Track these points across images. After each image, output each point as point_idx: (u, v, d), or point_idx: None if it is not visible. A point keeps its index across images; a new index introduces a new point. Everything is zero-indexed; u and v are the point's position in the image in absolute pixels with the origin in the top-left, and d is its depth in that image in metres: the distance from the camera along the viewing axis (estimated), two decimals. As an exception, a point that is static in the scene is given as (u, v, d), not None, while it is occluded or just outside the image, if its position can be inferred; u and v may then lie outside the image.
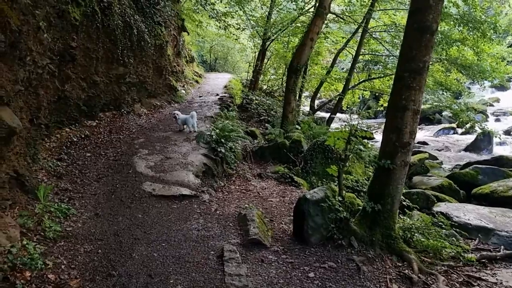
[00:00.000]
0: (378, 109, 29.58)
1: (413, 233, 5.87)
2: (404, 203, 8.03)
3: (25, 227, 5.13)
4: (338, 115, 27.88)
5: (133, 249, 5.27)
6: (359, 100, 25.81)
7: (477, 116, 25.31)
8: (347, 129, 6.25)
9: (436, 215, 7.91)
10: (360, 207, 6.08)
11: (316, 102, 23.19)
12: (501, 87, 30.27)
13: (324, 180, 10.20)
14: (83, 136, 9.59)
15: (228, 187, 8.96)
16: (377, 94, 26.62)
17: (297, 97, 13.35)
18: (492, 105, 28.73)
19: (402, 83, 5.56)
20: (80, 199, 6.66)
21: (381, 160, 5.69)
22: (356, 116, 30.64)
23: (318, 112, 23.72)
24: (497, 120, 25.44)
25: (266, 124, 13.35)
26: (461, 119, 18.44)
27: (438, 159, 17.94)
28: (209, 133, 10.48)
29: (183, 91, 18.28)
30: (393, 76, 19.08)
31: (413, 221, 6.30)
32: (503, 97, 29.80)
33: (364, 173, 11.10)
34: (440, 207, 8.66)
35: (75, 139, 9.17)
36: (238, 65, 33.29)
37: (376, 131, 25.20)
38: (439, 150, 20.97)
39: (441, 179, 11.61)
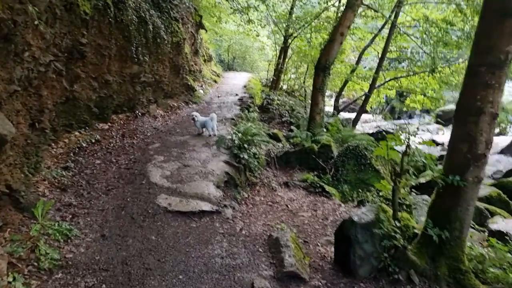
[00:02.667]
0: (404, 109, 28.37)
1: (486, 266, 4.78)
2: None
3: (15, 257, 4.24)
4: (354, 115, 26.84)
5: (144, 283, 4.34)
6: (383, 100, 24.56)
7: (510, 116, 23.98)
8: (400, 135, 5.16)
9: (495, 233, 6.80)
10: (416, 231, 5.03)
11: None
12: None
13: (360, 190, 9.20)
14: (93, 141, 8.75)
15: (252, 198, 8.00)
16: (405, 93, 25.36)
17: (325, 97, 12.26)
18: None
19: (476, 79, 4.43)
20: (86, 216, 5.77)
21: (447, 175, 4.59)
22: (379, 117, 29.58)
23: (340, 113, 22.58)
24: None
25: (292, 127, 12.35)
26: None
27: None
28: (230, 137, 9.55)
29: (201, 91, 17.41)
30: (421, 75, 18.16)
31: (479, 249, 5.19)
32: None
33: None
34: (497, 224, 7.52)
35: (84, 145, 8.33)
36: (256, 64, 32.33)
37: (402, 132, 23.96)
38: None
39: (488, 188, 10.43)
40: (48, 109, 7.13)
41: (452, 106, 25.20)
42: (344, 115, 24.57)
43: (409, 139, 5.01)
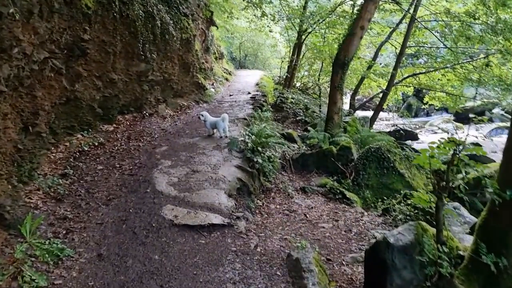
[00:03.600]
0: (422, 107, 27.42)
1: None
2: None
3: (-7, 286, 3.65)
4: (370, 113, 25.95)
5: (144, 317, 3.71)
6: (400, 98, 23.67)
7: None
8: (444, 141, 4.41)
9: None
10: (461, 252, 4.30)
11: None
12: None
13: (383, 197, 8.47)
14: (96, 144, 8.17)
15: (267, 206, 7.33)
16: (424, 90, 24.44)
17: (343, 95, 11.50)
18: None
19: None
20: (82, 231, 5.16)
21: (503, 189, 3.84)
22: (395, 115, 28.62)
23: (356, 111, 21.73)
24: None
25: (308, 127, 11.64)
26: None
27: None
28: (242, 138, 8.89)
29: (212, 90, 16.77)
30: (441, 71, 17.27)
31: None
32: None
33: (426, 186, 9.25)
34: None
35: (86, 148, 7.74)
36: (268, 61, 31.69)
37: (420, 131, 23.12)
38: (494, 153, 18.67)
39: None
40: (45, 111, 6.54)
41: (471, 104, 24.22)
42: (359, 113, 23.73)
43: (458, 144, 4.23)
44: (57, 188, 5.97)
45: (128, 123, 9.92)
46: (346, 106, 20.59)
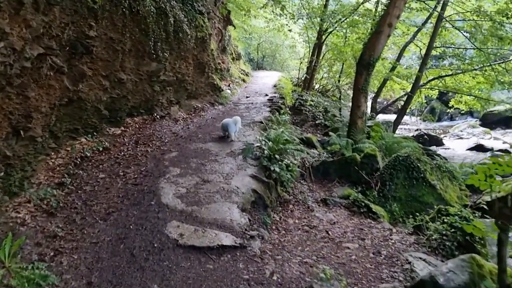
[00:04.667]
0: (445, 111, 26.32)
1: None
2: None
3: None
4: (392, 117, 24.94)
5: None
6: (424, 101, 22.67)
7: None
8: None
9: None
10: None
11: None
12: None
13: (412, 210, 7.68)
14: (101, 149, 7.57)
15: (285, 221, 6.61)
16: (450, 93, 23.39)
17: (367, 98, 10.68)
18: None
19: None
20: (72, 252, 4.52)
21: None
22: (417, 119, 27.57)
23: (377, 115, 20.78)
24: None
25: (329, 133, 10.85)
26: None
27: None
28: (258, 144, 8.20)
29: (228, 91, 16.12)
30: (470, 74, 16.26)
31: None
32: None
33: (460, 199, 8.41)
34: None
35: (88, 154, 7.14)
36: (287, 63, 30.95)
37: (445, 136, 22.08)
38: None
39: None
40: (41, 113, 5.95)
41: (499, 108, 23.02)
42: (380, 116, 22.76)
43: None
44: (50, 200, 5.35)
45: (137, 126, 9.32)
46: (367, 110, 19.77)
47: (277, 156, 7.48)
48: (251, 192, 6.34)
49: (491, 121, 23.66)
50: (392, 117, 24.98)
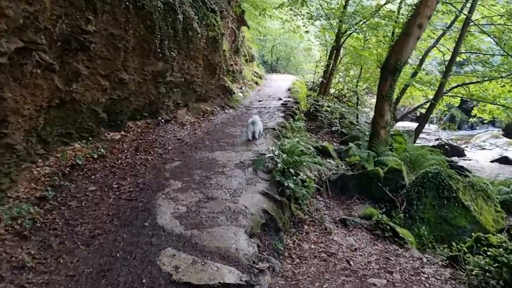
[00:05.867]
0: (466, 119, 25.19)
1: None
2: None
3: None
4: (410, 124, 23.90)
5: None
6: (446, 109, 21.60)
7: None
8: None
9: None
10: None
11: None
12: None
13: (444, 236, 6.80)
14: (95, 156, 6.82)
15: (299, 246, 5.75)
16: (474, 102, 22.29)
17: (392, 107, 9.74)
18: None
19: None
20: (41, 289, 3.72)
21: None
22: (435, 127, 26.43)
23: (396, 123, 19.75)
24: None
25: (350, 143, 9.95)
26: None
27: None
28: (270, 155, 7.36)
29: (240, 94, 15.33)
30: (498, 81, 15.18)
31: None
32: None
33: (496, 222, 7.46)
34: None
35: (80, 162, 6.36)
36: (301, 66, 30.10)
37: (466, 146, 20.99)
38: None
39: None
40: (23, 116, 5.20)
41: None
42: (399, 124, 21.74)
43: None
44: (24, 220, 4.57)
45: (139, 131, 8.55)
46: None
47: (291, 170, 6.63)
48: (261, 213, 5.49)
49: (514, 131, 22.52)
50: (410, 124, 24.00)
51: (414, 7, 8.97)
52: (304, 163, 7.11)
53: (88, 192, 5.64)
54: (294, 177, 6.59)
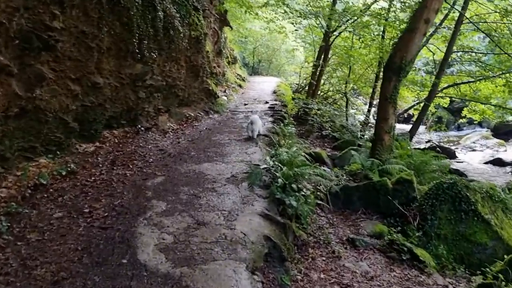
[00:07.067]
0: (452, 120, 24.82)
1: None
2: None
3: None
4: (405, 127, 23.34)
5: None
6: (436, 110, 21.13)
7: None
8: None
9: None
10: None
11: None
12: None
13: (463, 254, 6.06)
14: (64, 173, 5.86)
15: (307, 276, 4.88)
16: (455, 102, 21.88)
17: (396, 109, 8.95)
18: None
19: None
20: None
21: None
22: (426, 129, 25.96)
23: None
24: None
25: (352, 152, 9.12)
26: None
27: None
28: (266, 166, 6.52)
29: (225, 98, 14.48)
30: (491, 81, 14.63)
31: None
32: None
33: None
34: None
35: (44, 181, 5.38)
36: (283, 68, 29.46)
37: (456, 148, 20.52)
38: None
39: None
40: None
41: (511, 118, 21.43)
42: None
43: None
44: (-33, 263, 3.60)
45: (116, 141, 7.60)
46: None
47: (293, 186, 5.77)
48: (263, 240, 4.61)
49: (503, 132, 22.18)
50: (400, 126, 23.42)
51: (420, 1, 8.22)
52: (305, 176, 6.26)
53: (52, 220, 4.66)
54: (296, 194, 5.73)
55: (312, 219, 6.50)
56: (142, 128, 8.59)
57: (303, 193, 5.87)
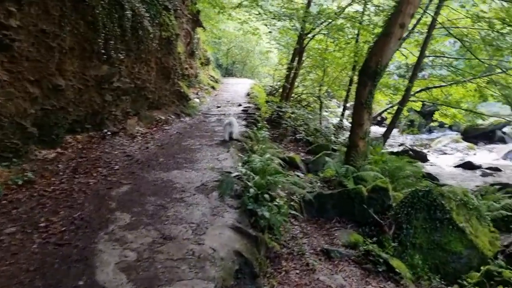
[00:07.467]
0: (424, 123, 25.13)
1: None
2: None
3: None
4: (378, 129, 23.51)
5: None
6: (408, 113, 21.33)
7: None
8: None
9: None
10: None
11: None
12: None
13: (438, 263, 5.95)
14: (20, 182, 5.46)
15: (279, 292, 4.64)
16: (425, 105, 22.12)
17: (371, 114, 8.82)
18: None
19: None
20: None
21: None
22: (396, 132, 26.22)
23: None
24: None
25: (327, 158, 8.92)
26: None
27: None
28: (237, 174, 6.26)
29: (197, 100, 14.15)
30: (463, 85, 14.82)
31: None
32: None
33: (492, 245, 6.68)
34: None
35: (-3, 193, 4.96)
36: (257, 69, 29.31)
37: (428, 151, 20.75)
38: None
39: None
40: None
41: (482, 121, 21.84)
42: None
43: None
44: None
45: (80, 147, 7.19)
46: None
47: (266, 196, 5.51)
48: (233, 255, 4.33)
49: (472, 135, 22.64)
50: (373, 129, 23.56)
51: (396, 4, 8.12)
52: (279, 185, 6.02)
53: (3, 235, 4.25)
54: (269, 204, 5.48)
55: (286, 228, 6.27)
56: (109, 133, 8.19)
57: (276, 203, 5.62)
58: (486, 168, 17.09)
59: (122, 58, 8.34)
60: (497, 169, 17.14)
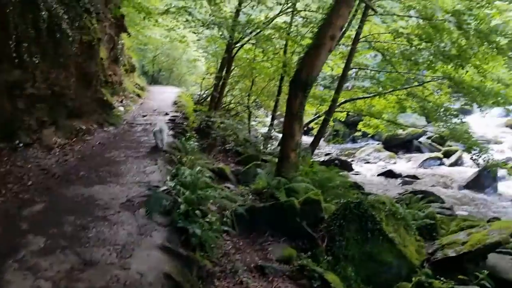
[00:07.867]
0: (348, 133, 26.10)
1: None
2: None
3: None
4: (305, 139, 24.01)
5: None
6: (333, 124, 22.02)
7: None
8: None
9: None
10: None
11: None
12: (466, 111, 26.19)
13: (369, 275, 6.00)
14: None
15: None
16: (349, 115, 22.99)
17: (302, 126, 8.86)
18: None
19: None
20: None
21: None
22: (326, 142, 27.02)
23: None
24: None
25: (258, 170, 8.78)
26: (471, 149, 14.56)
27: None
28: (166, 188, 5.92)
29: (121, 109, 13.47)
30: (385, 96, 15.62)
31: None
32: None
33: (419, 254, 6.88)
34: None
35: None
36: (185, 78, 28.88)
37: (352, 160, 21.55)
38: (433, 186, 17.26)
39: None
40: None
41: (400, 131, 23.05)
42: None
43: None
44: None
45: (-14, 160, 6.42)
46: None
47: (197, 212, 5.22)
48: (163, 279, 3.99)
49: (392, 145, 23.77)
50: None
51: (325, 17, 8.24)
52: (210, 199, 5.76)
53: None
54: (201, 220, 5.20)
55: (218, 245, 5.99)
56: (21, 144, 7.40)
57: (208, 219, 5.35)
58: (405, 176, 18.02)
59: (37, 62, 7.63)
60: (415, 177, 18.14)
